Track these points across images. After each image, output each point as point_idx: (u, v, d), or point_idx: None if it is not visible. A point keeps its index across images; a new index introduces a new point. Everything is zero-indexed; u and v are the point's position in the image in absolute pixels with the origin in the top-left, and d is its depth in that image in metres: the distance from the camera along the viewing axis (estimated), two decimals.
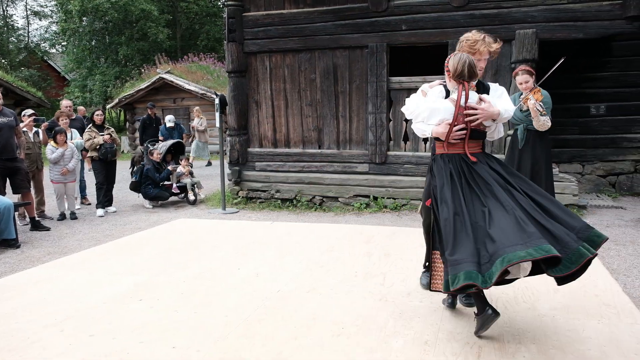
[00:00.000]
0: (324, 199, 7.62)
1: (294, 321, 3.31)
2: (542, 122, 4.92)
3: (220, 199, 7.82)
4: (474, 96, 3.03)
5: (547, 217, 2.75)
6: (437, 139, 3.13)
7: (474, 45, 3.29)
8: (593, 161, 8.37)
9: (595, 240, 2.71)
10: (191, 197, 8.34)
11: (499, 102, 3.11)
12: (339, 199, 7.52)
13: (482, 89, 3.16)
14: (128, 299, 3.80)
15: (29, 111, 7.46)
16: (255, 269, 4.49)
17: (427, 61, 8.09)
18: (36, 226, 6.54)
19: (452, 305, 3.45)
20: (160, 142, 8.91)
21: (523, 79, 4.99)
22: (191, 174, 8.68)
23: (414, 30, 6.92)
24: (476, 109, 2.99)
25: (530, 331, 3.07)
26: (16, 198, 6.60)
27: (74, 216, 7.31)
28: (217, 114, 7.57)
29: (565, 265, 2.60)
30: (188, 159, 8.84)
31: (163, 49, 25.70)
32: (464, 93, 2.96)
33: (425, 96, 3.24)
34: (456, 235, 2.76)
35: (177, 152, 8.98)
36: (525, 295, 3.67)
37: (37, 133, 7.34)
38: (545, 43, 6.57)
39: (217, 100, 7.53)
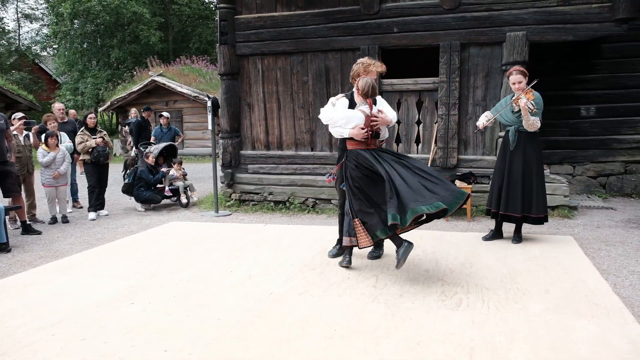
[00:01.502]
0: (317, 201, 7.63)
1: (287, 323, 3.31)
2: (532, 122, 4.93)
3: (213, 201, 7.81)
4: (375, 109, 4.19)
5: (433, 182, 3.97)
6: (350, 138, 4.17)
7: (368, 67, 4.29)
8: (583, 162, 8.44)
9: (464, 193, 3.94)
10: (184, 200, 8.32)
11: (388, 111, 4.25)
12: (332, 201, 7.53)
13: (374, 101, 4.25)
14: (120, 303, 3.78)
15: (20, 114, 7.42)
16: (248, 272, 4.49)
17: (419, 63, 8.16)
18: (27, 230, 6.50)
19: (349, 263, 4.48)
20: (152, 144, 8.88)
21: (516, 78, 4.99)
22: (184, 176, 8.66)
23: (405, 33, 6.94)
24: (378, 117, 4.13)
25: (523, 332, 3.09)
26: (7, 202, 6.56)
27: (65, 220, 7.26)
28: (210, 117, 7.56)
29: (452, 208, 3.83)
30: (181, 163, 8.82)
31: (155, 52, 25.66)
32: (373, 106, 4.16)
33: (334, 106, 4.26)
34: (372, 201, 4.04)
35: (169, 155, 8.95)
36: (517, 296, 3.69)
37: (27, 136, 7.30)
38: (536, 45, 6.63)
39: (209, 103, 7.52)
